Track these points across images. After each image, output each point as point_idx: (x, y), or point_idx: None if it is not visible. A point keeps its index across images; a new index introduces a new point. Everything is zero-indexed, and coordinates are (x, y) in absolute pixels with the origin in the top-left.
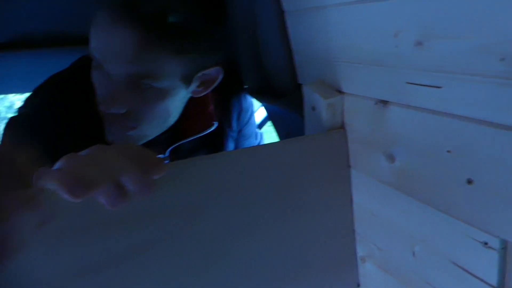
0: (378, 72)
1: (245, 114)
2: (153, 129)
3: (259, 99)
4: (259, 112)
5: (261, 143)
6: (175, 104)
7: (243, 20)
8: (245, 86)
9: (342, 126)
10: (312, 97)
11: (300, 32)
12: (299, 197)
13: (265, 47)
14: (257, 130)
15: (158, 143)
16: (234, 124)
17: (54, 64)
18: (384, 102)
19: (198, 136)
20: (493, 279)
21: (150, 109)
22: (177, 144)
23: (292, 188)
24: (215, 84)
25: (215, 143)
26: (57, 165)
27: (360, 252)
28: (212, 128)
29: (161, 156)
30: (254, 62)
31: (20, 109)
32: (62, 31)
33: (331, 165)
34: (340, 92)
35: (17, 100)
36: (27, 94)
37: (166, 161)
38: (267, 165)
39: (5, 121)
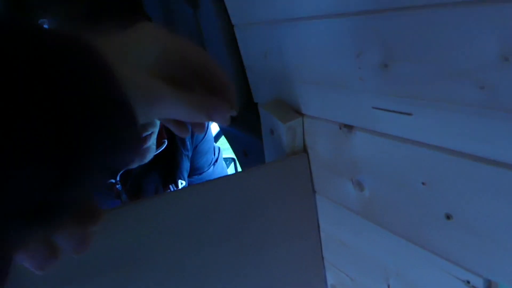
0: (340, 95)
1: None
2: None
3: None
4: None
5: (220, 158)
6: None
7: (188, 34)
8: None
9: (304, 150)
10: (270, 119)
11: (252, 47)
12: (263, 228)
13: None
14: (214, 144)
15: None
16: (188, 142)
17: None
18: (349, 127)
19: None
20: None
21: None
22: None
23: (254, 219)
24: None
25: (168, 163)
26: None
27: (331, 280)
28: (163, 147)
29: (111, 181)
30: None
31: None
32: None
33: (295, 191)
34: (299, 113)
35: None
36: None
37: (118, 186)
38: (226, 199)
39: None
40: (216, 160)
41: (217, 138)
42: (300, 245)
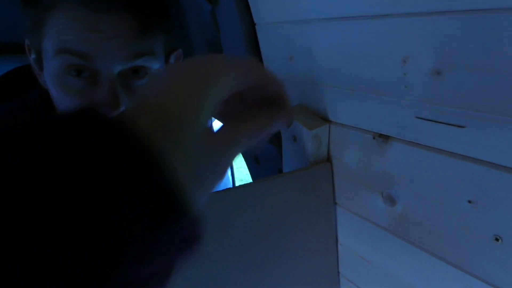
0: (378, 102)
1: None
2: None
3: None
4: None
5: None
6: None
7: (202, 31)
8: None
9: (327, 159)
10: (293, 126)
11: (274, 48)
12: (278, 240)
13: None
14: None
15: None
16: None
17: None
18: (385, 137)
19: None
20: None
21: None
22: None
23: (271, 230)
24: None
25: None
26: None
27: None
28: None
29: None
30: None
31: None
32: None
33: (315, 203)
34: (326, 120)
35: None
36: None
37: None
38: (242, 209)
39: None
40: None
41: None
42: (315, 258)
